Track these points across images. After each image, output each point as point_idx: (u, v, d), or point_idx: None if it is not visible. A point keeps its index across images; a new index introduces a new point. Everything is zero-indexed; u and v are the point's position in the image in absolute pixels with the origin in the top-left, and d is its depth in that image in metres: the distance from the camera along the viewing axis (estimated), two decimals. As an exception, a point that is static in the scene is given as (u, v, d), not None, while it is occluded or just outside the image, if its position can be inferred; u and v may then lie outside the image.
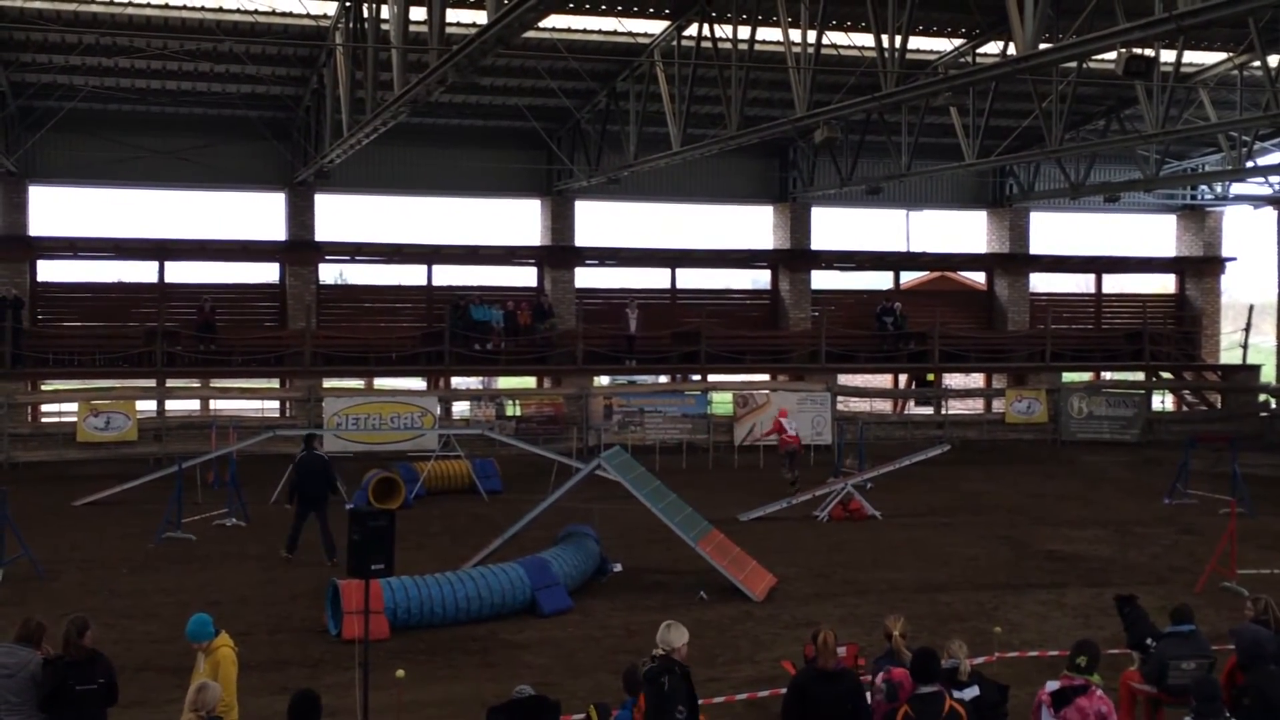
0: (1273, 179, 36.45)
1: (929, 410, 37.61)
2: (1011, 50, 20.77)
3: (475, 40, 16.33)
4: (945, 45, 28.15)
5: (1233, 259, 41.91)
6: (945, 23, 26.93)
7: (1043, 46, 17.24)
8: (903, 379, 39.69)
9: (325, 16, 25.29)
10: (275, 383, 34.35)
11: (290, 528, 20.15)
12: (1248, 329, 39.69)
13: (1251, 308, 39.90)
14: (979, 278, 41.78)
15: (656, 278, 38.01)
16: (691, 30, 25.41)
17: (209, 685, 8.23)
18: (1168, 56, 25.10)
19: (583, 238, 36.38)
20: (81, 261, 34.01)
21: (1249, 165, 32.58)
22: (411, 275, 36.12)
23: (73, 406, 31.32)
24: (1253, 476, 26.72)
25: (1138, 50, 17.14)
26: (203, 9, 25.33)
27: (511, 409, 33.85)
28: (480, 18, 19.31)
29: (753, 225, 39.29)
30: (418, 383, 36.05)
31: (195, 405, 33.51)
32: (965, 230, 41.94)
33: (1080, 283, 44.00)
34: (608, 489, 21.22)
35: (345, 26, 23.18)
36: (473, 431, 29.84)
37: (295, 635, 15.57)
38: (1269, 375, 40.43)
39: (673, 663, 9.24)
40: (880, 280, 41.44)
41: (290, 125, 32.50)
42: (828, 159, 34.37)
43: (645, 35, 27.21)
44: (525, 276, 36.83)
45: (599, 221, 37.15)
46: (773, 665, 13.96)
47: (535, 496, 20.88)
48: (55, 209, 33.07)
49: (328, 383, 33.22)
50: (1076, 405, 36.88)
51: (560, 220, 35.89)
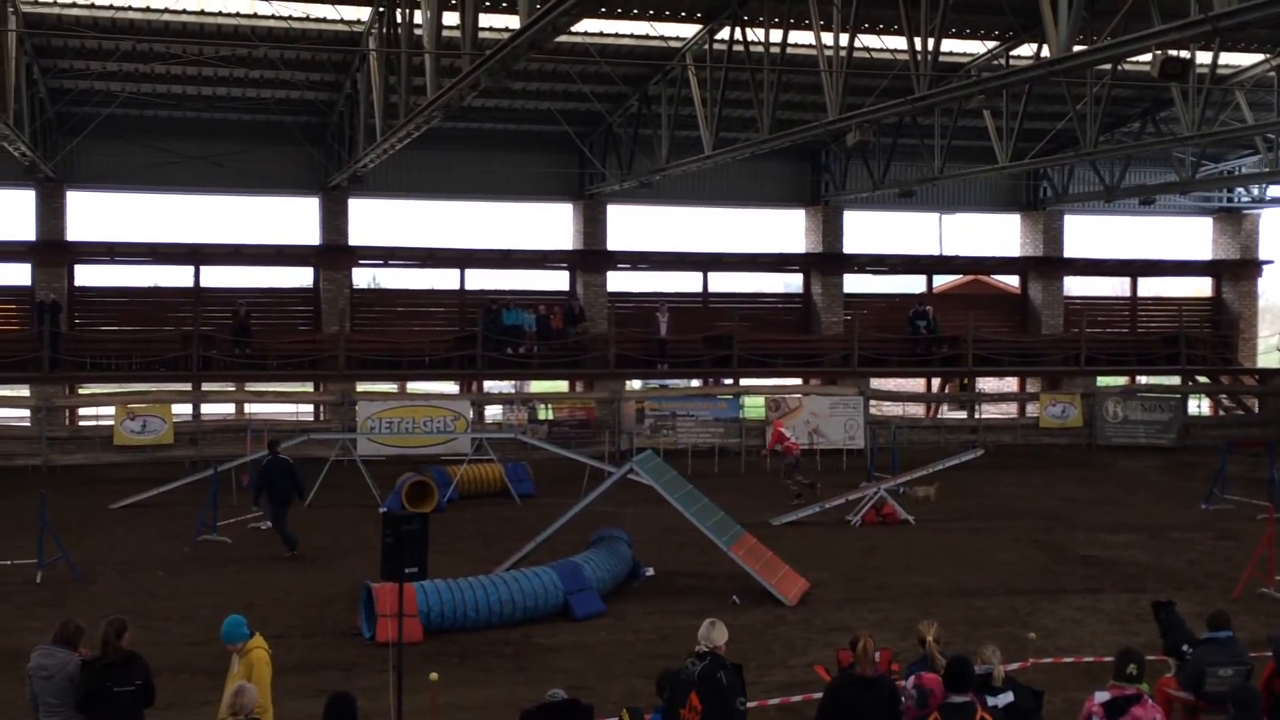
0: (1310, 181, 36.14)
1: (962, 414, 37.45)
2: (1045, 52, 20.69)
3: (508, 45, 16.39)
4: (979, 48, 28.05)
5: (1269, 261, 41.54)
6: (978, 25, 26.82)
7: (1077, 49, 17.16)
8: (935, 383, 39.54)
9: (359, 22, 25.44)
10: (309, 386, 34.54)
11: (279, 531, 20.62)
12: (1285, 332, 39.39)
13: (1289, 311, 39.60)
14: (1012, 281, 41.58)
15: (688, 281, 38.02)
16: (723, 34, 25.39)
17: (247, 688, 8.27)
18: (1204, 58, 24.91)
19: (615, 241, 36.42)
20: (118, 266, 34.29)
21: (1286, 167, 32.30)
22: (444, 279, 36.27)
23: (110, 410, 31.59)
24: (1290, 481, 26.47)
25: (1173, 52, 17.04)
26: (238, 15, 25.50)
27: (544, 413, 33.91)
28: (513, 22, 19.34)
29: (785, 229, 39.28)
30: (450, 387, 36.15)
31: (230, 409, 33.73)
32: (998, 233, 41.82)
33: (1115, 286, 43.75)
34: (640, 493, 21.21)
35: (379, 31, 23.30)
36: (505, 435, 29.90)
37: (330, 638, 15.63)
38: (1307, 379, 40.09)
39: (721, 659, 9.21)
40: (913, 284, 41.30)
41: (324, 130, 32.67)
42: (860, 162, 34.31)
43: (677, 39, 27.22)
44: (557, 280, 36.91)
45: (631, 225, 37.26)
46: (806, 670, 13.93)
47: (568, 500, 20.91)
48: (92, 214, 33.44)
49: (361, 386, 33.39)
50: (1112, 409, 36.66)
51: (592, 224, 35.94)
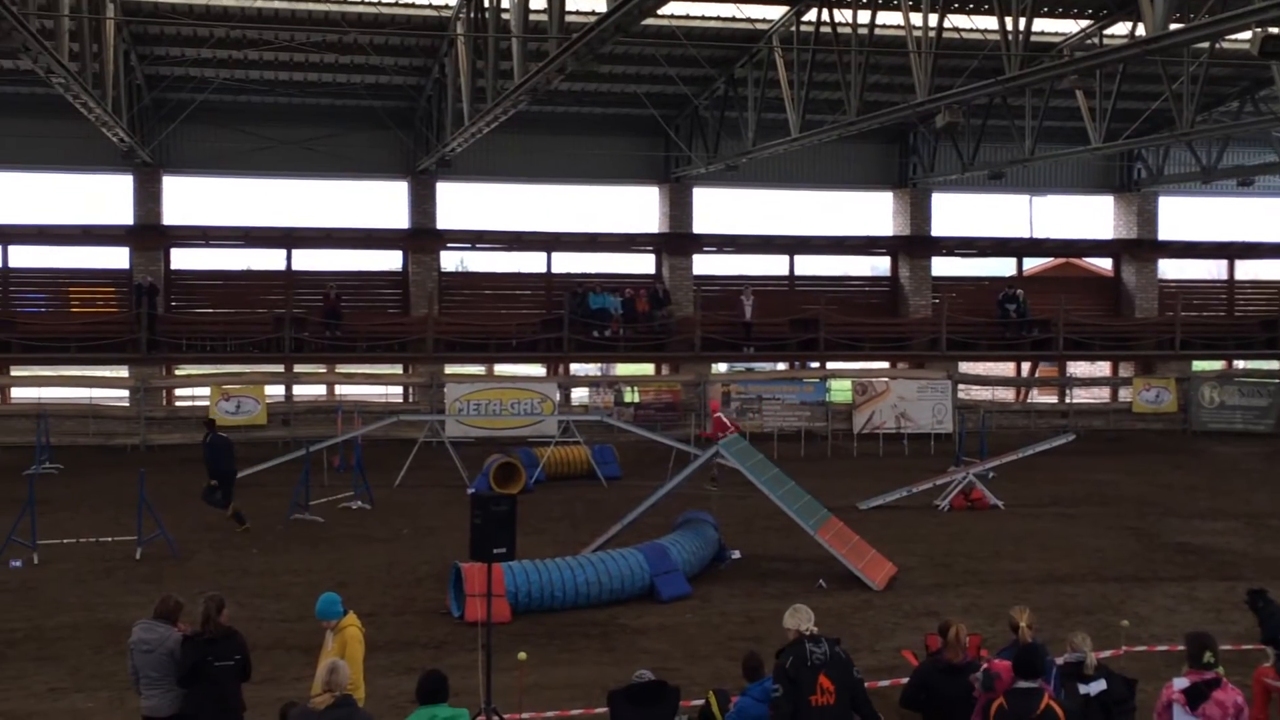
0: None
1: (1053, 399, 36.95)
2: (1140, 31, 20.28)
3: (595, 28, 16.41)
4: (1071, 26, 27.58)
5: (1372, 242, 40.50)
6: (1071, 3, 26.38)
7: (1173, 27, 16.81)
8: (1025, 367, 39.04)
9: (447, 6, 25.63)
10: (398, 368, 34.93)
11: (227, 505, 21.16)
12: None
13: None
14: (1105, 264, 40.90)
15: (774, 264, 37.88)
16: (811, 15, 25.23)
17: (340, 665, 8.40)
18: (1305, 35, 24.26)
19: (700, 224, 36.38)
20: (213, 250, 34.86)
21: (1391, 146, 31.47)
22: (531, 262, 36.47)
23: (205, 391, 32.22)
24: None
25: (1274, 30, 16.63)
26: (329, 1, 25.80)
27: (630, 395, 34.02)
28: (599, 5, 19.36)
29: (872, 211, 38.95)
30: (537, 369, 36.38)
31: (321, 390, 34.20)
32: (1091, 216, 41.04)
33: (1212, 269, 42.82)
34: (726, 475, 21.21)
35: (466, 16, 23.45)
36: (591, 418, 30.05)
37: (419, 617, 15.84)
38: None
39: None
40: (1002, 267, 40.75)
41: (413, 114, 32.97)
42: (949, 144, 33.93)
43: (764, 21, 27.09)
44: (643, 264, 36.96)
45: (717, 208, 37.13)
46: (893, 655, 13.88)
47: (653, 483, 21.01)
48: (188, 198, 33.94)
49: (449, 368, 33.69)
50: (1208, 394, 36.00)
51: (678, 207, 35.92)
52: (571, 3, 21.49)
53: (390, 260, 35.78)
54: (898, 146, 37.16)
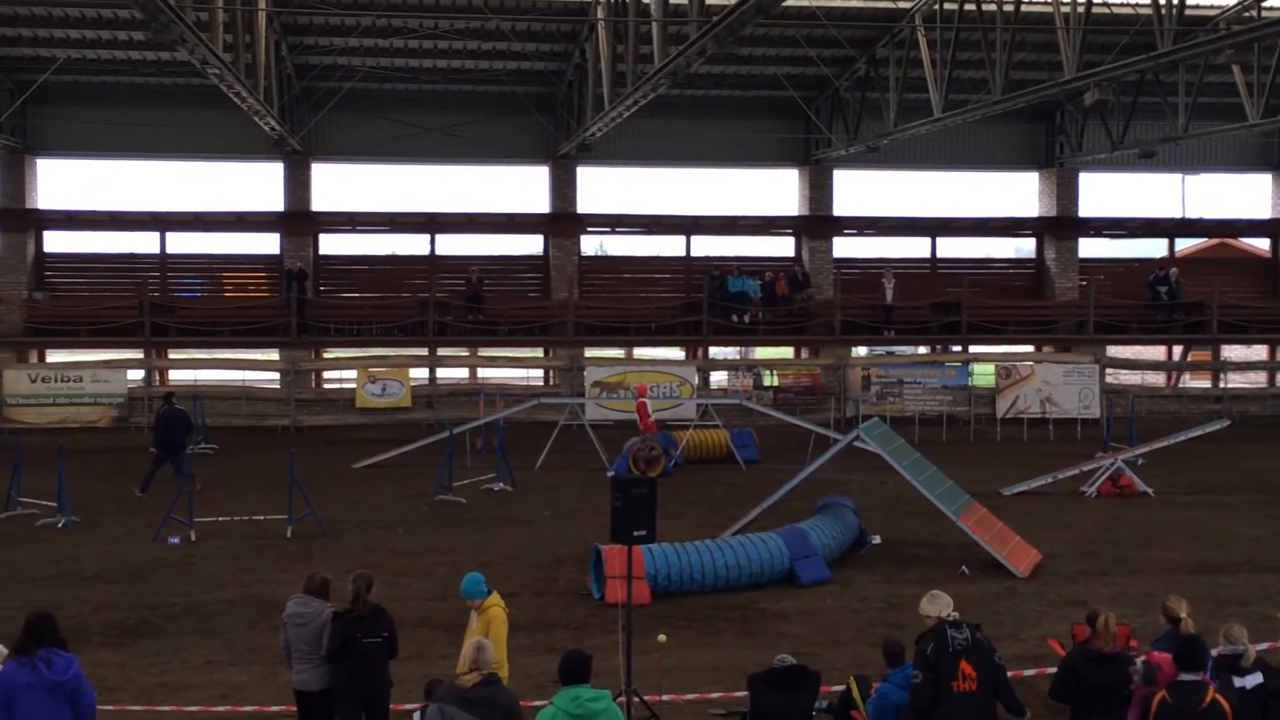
0: None
1: (1206, 384, 35.89)
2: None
3: (735, 11, 16.36)
4: (1227, -1, 26.71)
5: None
6: (1228, -25, 25.54)
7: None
8: (1177, 351, 37.95)
9: (588, -8, 25.75)
10: (539, 352, 35.29)
11: (150, 469, 22.61)
12: None
13: None
14: (1263, 245, 39.51)
15: (916, 247, 37.41)
16: (955, -7, 24.80)
17: (486, 644, 8.51)
18: None
19: (840, 207, 36.06)
20: (359, 235, 35.59)
21: None
22: (670, 246, 36.53)
23: (352, 374, 32.95)
24: None
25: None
26: (471, -11, 26.15)
27: (769, 379, 33.91)
28: (740, -12, 19.31)
29: (1016, 192, 38.16)
30: (676, 352, 36.46)
31: (464, 373, 34.73)
32: (1248, 194, 39.69)
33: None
34: (866, 460, 21.02)
35: (607, 1, 23.52)
36: (730, 401, 30.02)
37: (560, 598, 16.02)
38: None
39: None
40: (1153, 248, 39.62)
41: (553, 99, 33.24)
42: (1097, 122, 33.09)
43: (906, 0, 26.71)
44: (783, 247, 36.78)
45: (857, 190, 36.76)
46: (1038, 643, 13.64)
47: (793, 467, 20.89)
48: (335, 185, 34.71)
49: (589, 352, 33.94)
50: (1370, 379, 34.61)
51: (818, 189, 35.65)
52: (711, -15, 21.44)
53: (531, 244, 36.16)
54: (1044, 125, 36.34)
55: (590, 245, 37.07)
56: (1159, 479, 23.84)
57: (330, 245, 35.08)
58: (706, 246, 36.22)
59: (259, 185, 34.42)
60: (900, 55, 28.12)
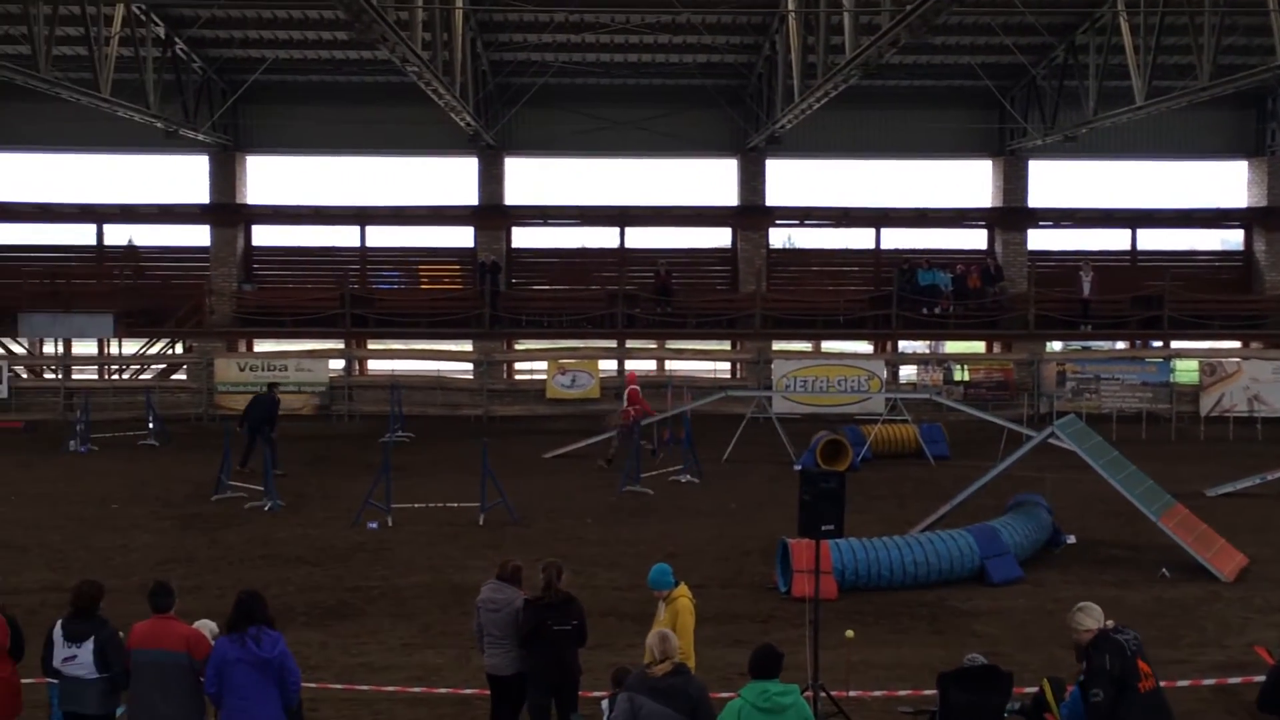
0: None
1: None
2: None
3: None
4: None
5: None
6: None
7: None
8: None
9: (778, -16, 25.65)
10: (726, 345, 35.34)
11: (244, 448, 24.12)
12: None
13: None
14: None
15: (1114, 239, 36.28)
16: (1160, -24, 23.96)
17: (670, 635, 8.58)
18: None
19: (1035, 198, 35.19)
20: (550, 229, 36.16)
21: None
22: (859, 239, 36.17)
23: (542, 365, 33.50)
24: None
25: None
26: (663, -17, 26.31)
27: (959, 374, 33.35)
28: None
29: (1223, 181, 36.66)
30: (865, 346, 36.09)
31: (652, 365, 34.99)
32: None
33: None
34: (1061, 458, 20.55)
35: (798, -8, 23.42)
36: (920, 396, 29.64)
37: (746, 590, 16.06)
38: None
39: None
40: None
41: (743, 92, 33.22)
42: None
43: (1108, -16, 25.93)
44: (974, 239, 36.08)
45: (1052, 181, 35.77)
46: (1244, 651, 13.15)
47: (983, 463, 20.57)
48: (526, 179, 35.31)
49: (776, 345, 33.83)
50: None
51: (1012, 181, 34.84)
52: (904, -26, 21.17)
53: (719, 237, 36.19)
54: (1254, 112, 34.80)
55: (778, 238, 36.95)
56: None
57: (522, 238, 35.71)
58: (896, 239, 35.78)
59: (454, 180, 35.25)
60: (1101, 41, 27.27)
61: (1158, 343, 33.73)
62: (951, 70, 32.31)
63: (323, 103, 33.36)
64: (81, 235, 35.43)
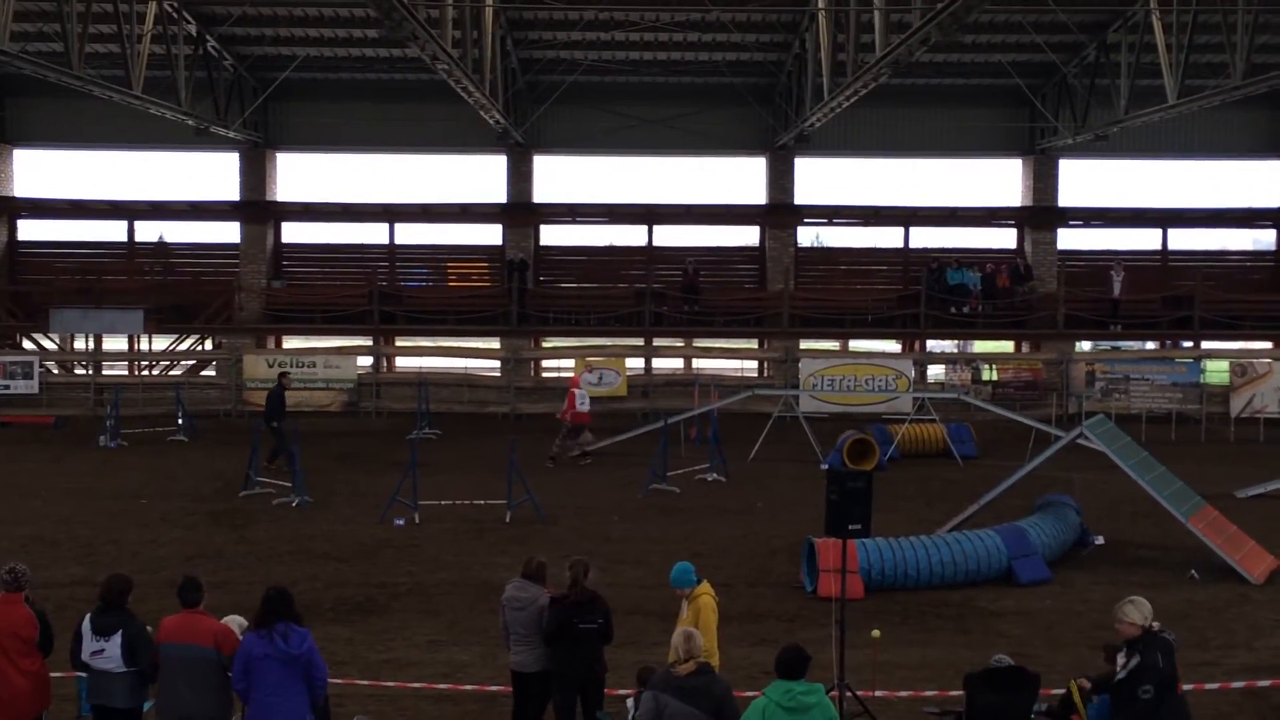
0: None
1: None
2: None
3: (960, -2, 16.05)
4: None
5: None
6: None
7: None
8: None
9: (808, -18, 25.59)
10: (754, 343, 35.28)
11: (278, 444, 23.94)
12: None
13: None
14: None
15: (1145, 239, 36.06)
16: (1193, -26, 23.79)
17: (695, 634, 8.59)
18: None
19: (1065, 197, 35.01)
20: (579, 226, 36.18)
21: None
22: (887, 238, 36.05)
23: (569, 363, 33.51)
24: None
25: None
26: (692, -19, 26.30)
27: (988, 373, 33.22)
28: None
29: (1254, 181, 36.32)
30: (893, 345, 35.97)
31: (679, 363, 34.98)
32: None
33: None
34: (1089, 458, 20.44)
35: (827, -9, 23.35)
36: (948, 395, 29.54)
37: (772, 589, 16.05)
38: None
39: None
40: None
41: (772, 90, 33.17)
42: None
43: (1140, -18, 25.76)
44: (1004, 238, 35.92)
45: (1083, 179, 35.57)
46: (1274, 654, 13.09)
47: (1012, 463, 20.47)
48: (555, 177, 35.34)
49: (804, 343, 33.76)
50: None
51: (1042, 180, 34.68)
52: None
53: (747, 236, 36.14)
54: (1288, 110, 34.57)
55: (807, 236, 36.87)
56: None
57: (550, 236, 35.74)
58: (925, 238, 35.66)
59: (483, 178, 35.29)
60: (1133, 40, 27.10)
61: (1188, 343, 33.51)
62: (982, 68, 32.18)
63: (352, 100, 33.49)
64: (113, 232, 35.69)
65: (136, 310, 31.79)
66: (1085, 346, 35.28)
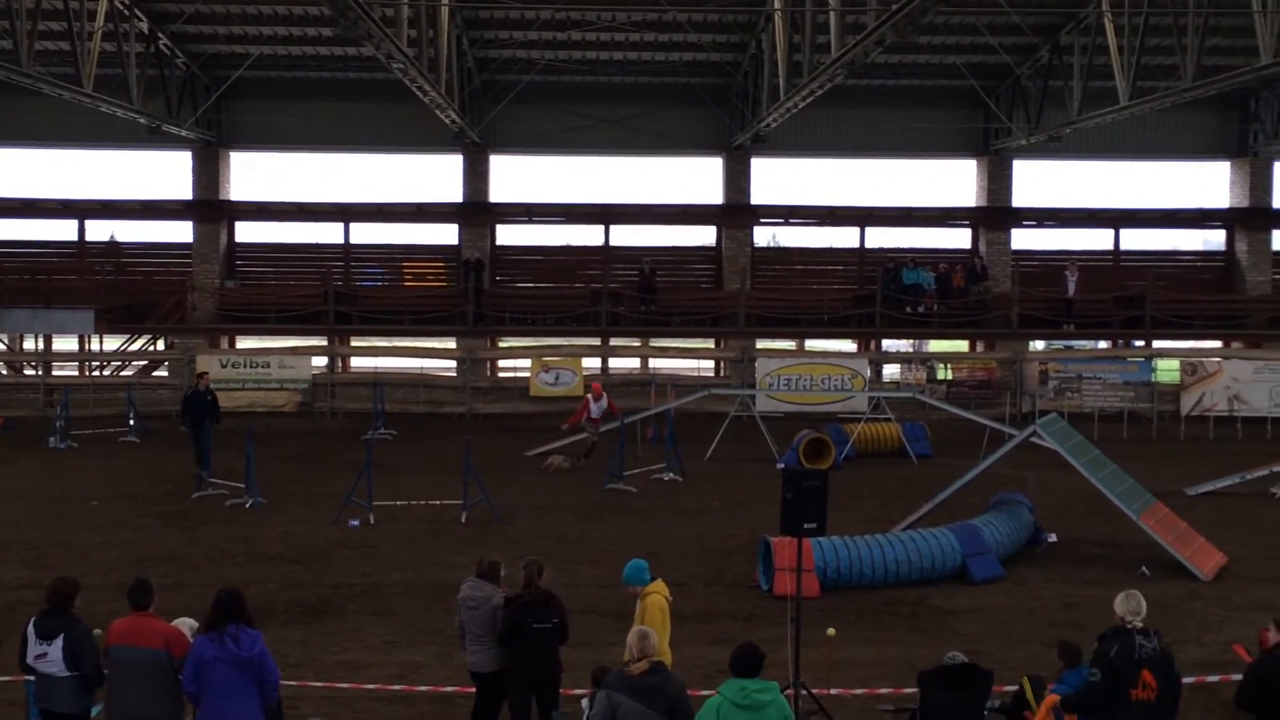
0: None
1: None
2: None
3: (914, -1, 16.13)
4: None
5: None
6: None
7: None
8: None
9: (763, -18, 25.64)
10: (710, 343, 35.33)
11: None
12: None
13: None
14: None
15: (1098, 239, 36.40)
16: (1144, -24, 23.99)
17: (650, 633, 8.55)
18: None
19: (1020, 198, 35.26)
20: (535, 226, 36.11)
21: None
22: (843, 238, 36.20)
23: (526, 363, 33.45)
24: None
25: None
26: (649, -20, 26.29)
27: (943, 373, 33.42)
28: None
29: (1205, 182, 36.73)
30: (848, 345, 36.13)
31: (635, 363, 34.97)
32: None
33: None
34: (1043, 457, 20.55)
35: (784, -9, 23.40)
36: (903, 395, 29.68)
37: (729, 589, 16.06)
38: None
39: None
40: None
41: (728, 91, 33.21)
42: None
43: (1092, -16, 25.97)
44: (959, 238, 36.16)
45: (1036, 181, 35.85)
46: (1223, 649, 13.19)
47: (966, 462, 20.58)
48: (512, 176, 35.27)
49: (760, 343, 33.84)
50: None
51: (996, 180, 34.90)
52: (889, -27, 21.18)
53: (704, 235, 36.18)
54: (1237, 113, 34.91)
55: (763, 236, 36.96)
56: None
57: (507, 236, 35.65)
58: (881, 238, 35.86)
59: (438, 177, 35.18)
60: (1085, 42, 27.32)
61: (1140, 342, 33.84)
62: (937, 70, 32.35)
63: (307, 99, 33.27)
64: (63, 231, 35.31)
65: (87, 310, 31.39)
66: (1039, 346, 35.57)
